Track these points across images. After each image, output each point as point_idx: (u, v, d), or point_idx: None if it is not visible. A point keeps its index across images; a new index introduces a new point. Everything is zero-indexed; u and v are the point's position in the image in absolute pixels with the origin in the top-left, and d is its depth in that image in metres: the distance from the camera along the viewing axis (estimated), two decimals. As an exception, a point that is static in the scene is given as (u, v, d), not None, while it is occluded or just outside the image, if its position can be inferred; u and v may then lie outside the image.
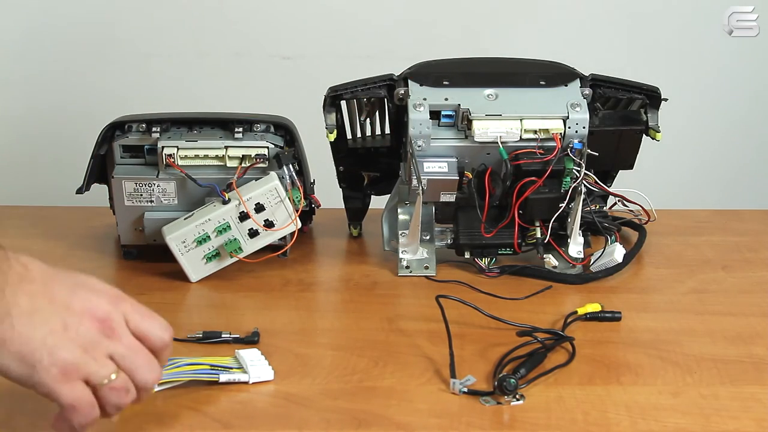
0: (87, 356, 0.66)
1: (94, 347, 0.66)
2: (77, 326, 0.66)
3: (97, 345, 0.67)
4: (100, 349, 0.67)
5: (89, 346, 0.66)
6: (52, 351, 0.64)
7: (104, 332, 0.67)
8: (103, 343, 0.67)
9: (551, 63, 1.06)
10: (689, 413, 0.79)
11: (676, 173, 1.89)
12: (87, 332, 0.66)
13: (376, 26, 1.78)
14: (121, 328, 0.68)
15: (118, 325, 0.68)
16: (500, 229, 1.05)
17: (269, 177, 1.01)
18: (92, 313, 0.67)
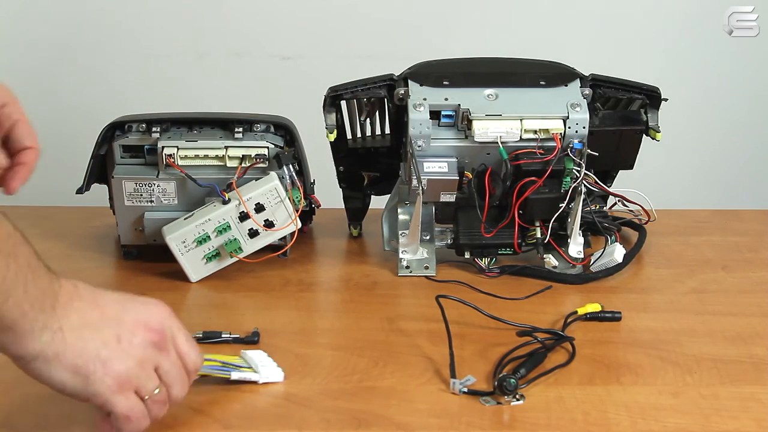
0: (139, 368, 0.67)
1: (146, 359, 0.68)
2: (131, 338, 0.67)
3: (149, 357, 0.68)
4: (151, 362, 0.68)
5: (142, 358, 0.67)
6: (106, 362, 0.66)
7: (156, 345, 0.69)
8: (154, 355, 0.68)
9: (551, 63, 1.06)
10: (689, 413, 0.79)
11: (676, 173, 1.89)
12: (140, 344, 0.68)
13: (376, 26, 1.78)
14: (170, 343, 0.70)
15: (168, 340, 0.70)
16: (500, 229, 1.05)
17: (269, 177, 1.01)
18: (146, 324, 0.68)
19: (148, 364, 0.68)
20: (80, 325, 0.65)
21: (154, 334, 0.68)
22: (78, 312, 0.66)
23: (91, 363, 0.65)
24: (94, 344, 0.65)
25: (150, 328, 0.68)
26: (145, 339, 0.68)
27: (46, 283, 0.65)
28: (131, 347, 0.67)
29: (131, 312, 0.68)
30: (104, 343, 0.66)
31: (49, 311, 0.64)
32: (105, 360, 0.66)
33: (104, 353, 0.66)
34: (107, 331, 0.66)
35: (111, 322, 0.67)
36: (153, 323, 0.69)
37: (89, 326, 0.66)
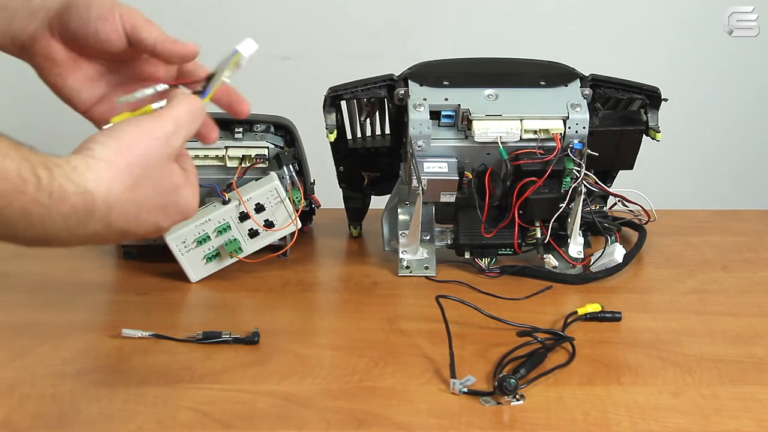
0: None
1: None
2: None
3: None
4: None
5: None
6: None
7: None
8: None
9: (551, 63, 1.06)
10: (689, 413, 0.79)
11: (676, 173, 1.89)
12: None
13: (376, 26, 1.78)
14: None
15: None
16: (500, 229, 1.05)
17: (269, 177, 1.01)
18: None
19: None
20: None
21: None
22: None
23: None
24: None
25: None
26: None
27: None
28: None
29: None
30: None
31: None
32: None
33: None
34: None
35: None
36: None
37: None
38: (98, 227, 0.62)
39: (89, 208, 0.60)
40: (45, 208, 0.59)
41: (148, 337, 0.89)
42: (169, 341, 0.89)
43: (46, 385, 0.81)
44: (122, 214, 0.62)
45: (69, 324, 0.93)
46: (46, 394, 0.80)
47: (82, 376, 0.83)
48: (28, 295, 0.99)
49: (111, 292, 1.02)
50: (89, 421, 0.77)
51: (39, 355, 0.87)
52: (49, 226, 0.60)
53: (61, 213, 0.59)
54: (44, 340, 0.89)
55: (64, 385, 0.81)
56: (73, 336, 0.90)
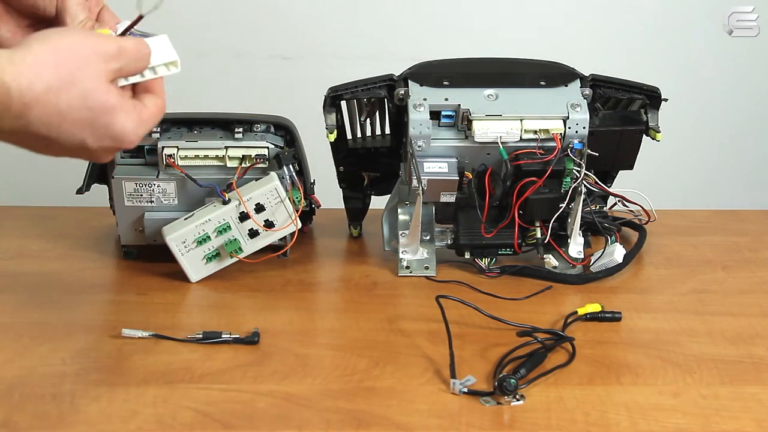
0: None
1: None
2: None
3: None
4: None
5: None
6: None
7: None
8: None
9: (551, 63, 1.06)
10: (689, 413, 0.79)
11: (676, 173, 1.89)
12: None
13: (376, 26, 1.78)
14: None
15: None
16: (500, 230, 1.05)
17: (269, 177, 1.01)
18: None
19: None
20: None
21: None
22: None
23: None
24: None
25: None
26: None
27: None
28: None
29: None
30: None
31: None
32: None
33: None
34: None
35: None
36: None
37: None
38: (15, 125, 0.59)
39: (4, 101, 0.58)
40: None
41: (148, 337, 0.89)
42: (169, 341, 0.89)
43: (46, 385, 0.81)
44: (42, 116, 0.60)
45: (69, 324, 0.93)
46: (46, 394, 0.80)
47: (82, 376, 0.83)
48: (28, 295, 0.99)
49: (111, 292, 1.02)
50: (89, 421, 0.77)
51: (39, 355, 0.87)
52: None
53: None
54: (44, 340, 0.89)
55: (64, 385, 0.81)
56: (73, 336, 0.90)
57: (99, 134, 0.63)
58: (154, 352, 0.87)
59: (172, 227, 1.00)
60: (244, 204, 1.00)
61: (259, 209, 1.01)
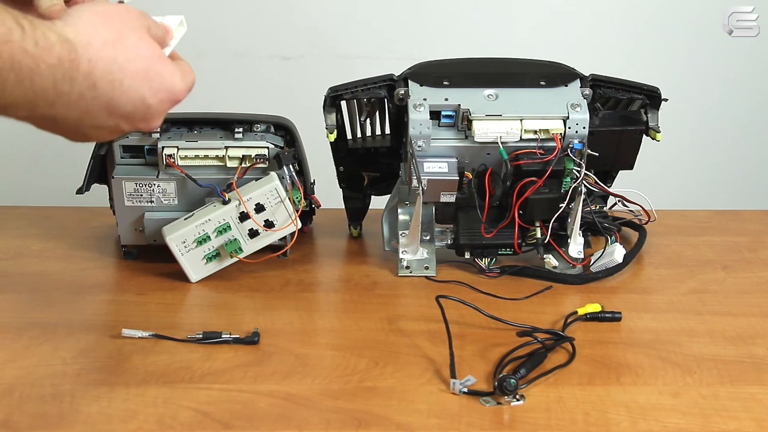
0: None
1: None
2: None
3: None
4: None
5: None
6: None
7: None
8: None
9: (551, 63, 1.06)
10: (689, 413, 0.79)
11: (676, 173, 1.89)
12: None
13: (376, 26, 1.78)
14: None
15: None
16: (500, 230, 1.05)
17: (269, 177, 1.01)
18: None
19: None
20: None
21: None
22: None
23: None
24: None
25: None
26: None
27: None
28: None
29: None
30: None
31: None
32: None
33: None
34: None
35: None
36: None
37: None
38: (83, 87, 0.61)
39: (72, 58, 0.59)
40: (32, 59, 0.57)
41: (148, 337, 0.89)
42: (169, 341, 0.89)
43: (46, 385, 0.81)
44: (106, 72, 0.61)
45: (69, 324, 0.93)
46: (46, 394, 0.80)
47: (82, 376, 0.83)
48: (28, 295, 0.99)
49: (111, 292, 1.02)
50: (89, 421, 0.77)
51: (39, 355, 0.87)
52: (38, 81, 0.58)
53: (48, 64, 0.58)
54: (44, 340, 0.89)
55: (64, 385, 0.81)
56: (73, 336, 0.90)
57: (155, 86, 0.65)
58: (154, 352, 0.87)
59: (172, 227, 1.00)
60: (244, 204, 1.00)
61: (259, 209, 1.01)
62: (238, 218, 1.00)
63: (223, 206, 1.00)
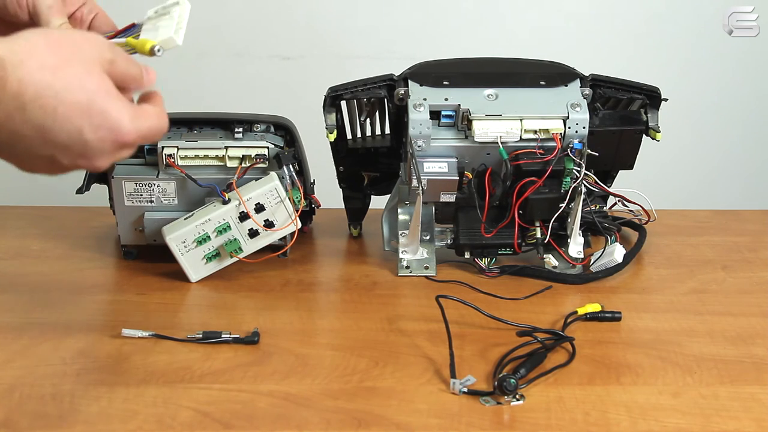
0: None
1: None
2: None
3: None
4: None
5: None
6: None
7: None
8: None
9: (551, 63, 1.06)
10: (689, 413, 0.79)
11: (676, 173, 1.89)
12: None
13: (376, 26, 1.78)
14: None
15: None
16: (500, 229, 1.05)
17: (269, 177, 1.01)
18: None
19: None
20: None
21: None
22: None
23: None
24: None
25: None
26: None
27: None
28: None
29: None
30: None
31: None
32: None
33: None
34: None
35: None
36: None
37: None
38: (10, 108, 0.58)
39: (1, 75, 0.57)
40: None
41: (148, 337, 0.89)
42: (169, 341, 0.89)
43: (46, 385, 0.81)
44: (37, 97, 0.58)
45: (69, 324, 0.93)
46: (46, 394, 0.80)
47: (82, 376, 0.83)
48: (28, 295, 0.99)
49: (111, 292, 1.02)
50: (89, 421, 0.77)
51: (39, 355, 0.87)
52: None
53: None
54: (44, 340, 0.89)
55: (64, 385, 0.81)
56: (73, 336, 0.90)
57: (96, 122, 0.61)
58: (154, 352, 0.87)
59: (172, 227, 1.00)
60: (244, 204, 1.00)
61: (259, 209, 1.01)
62: (238, 218, 1.00)
63: (223, 206, 1.00)
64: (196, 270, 1.02)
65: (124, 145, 0.64)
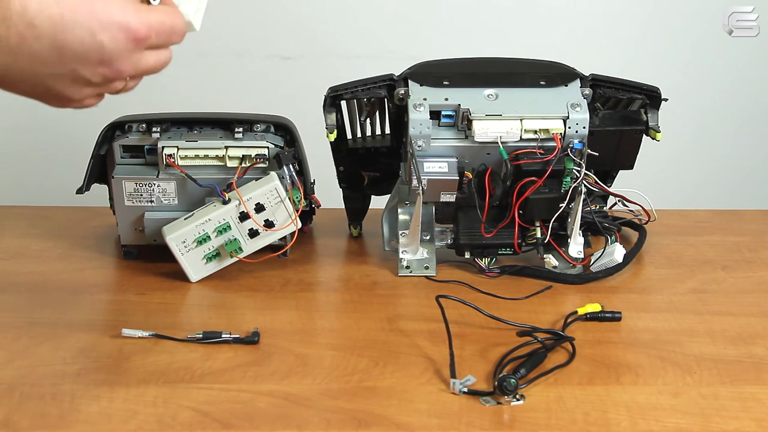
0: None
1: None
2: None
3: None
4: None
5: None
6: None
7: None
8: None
9: (551, 63, 1.06)
10: (689, 413, 0.79)
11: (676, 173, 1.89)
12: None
13: (376, 26, 1.78)
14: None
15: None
16: (500, 229, 1.05)
17: (269, 177, 1.01)
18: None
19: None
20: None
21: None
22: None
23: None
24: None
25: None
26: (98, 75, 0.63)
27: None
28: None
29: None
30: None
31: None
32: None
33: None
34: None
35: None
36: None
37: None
38: (20, 27, 0.58)
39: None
40: None
41: (148, 337, 0.89)
42: (169, 341, 0.89)
43: (46, 385, 0.81)
44: (42, 8, 0.58)
45: (69, 324, 0.93)
46: (46, 394, 0.80)
47: (82, 376, 0.83)
48: (28, 295, 0.99)
49: (111, 292, 1.02)
50: (89, 421, 0.77)
51: (39, 355, 0.87)
52: None
53: None
54: (44, 340, 0.89)
55: (64, 385, 0.81)
56: (73, 336, 0.90)
57: (104, 20, 0.61)
58: (154, 352, 0.87)
59: (172, 227, 1.00)
60: (244, 204, 1.00)
61: (259, 209, 1.01)
62: (238, 218, 1.00)
63: (223, 206, 1.00)
64: (196, 270, 1.02)
65: (138, 40, 0.63)
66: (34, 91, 0.63)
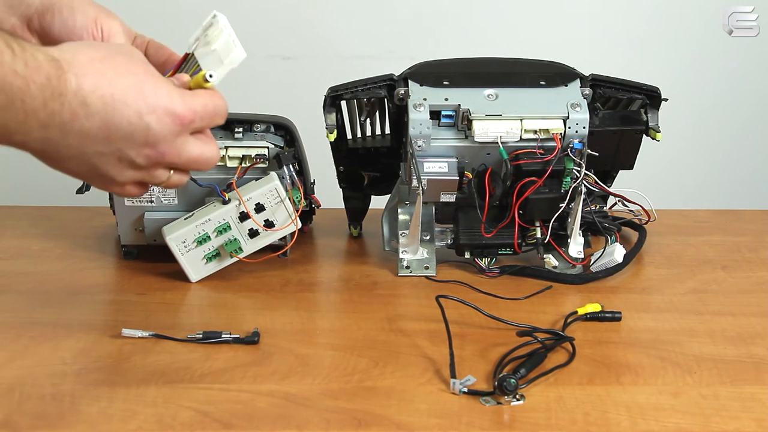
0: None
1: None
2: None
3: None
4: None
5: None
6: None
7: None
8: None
9: (551, 63, 1.06)
10: (689, 413, 0.79)
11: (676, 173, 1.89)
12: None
13: (376, 26, 1.78)
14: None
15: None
16: (500, 229, 1.05)
17: (269, 177, 1.01)
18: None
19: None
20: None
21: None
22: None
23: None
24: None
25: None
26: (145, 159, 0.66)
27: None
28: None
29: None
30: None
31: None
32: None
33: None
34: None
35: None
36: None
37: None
38: (74, 105, 0.60)
39: (60, 75, 0.59)
40: (23, 80, 0.57)
41: (148, 337, 0.89)
42: (169, 341, 0.89)
43: (46, 385, 0.81)
44: (95, 87, 0.61)
45: (69, 324, 0.93)
46: (46, 394, 0.80)
47: (82, 376, 0.83)
48: (28, 295, 0.99)
49: (111, 292, 1.02)
50: (89, 421, 0.77)
51: (39, 355, 0.87)
52: (28, 101, 0.58)
53: (37, 84, 0.58)
54: (44, 340, 0.89)
55: (64, 385, 0.81)
56: (73, 336, 0.90)
57: (151, 102, 0.63)
58: (154, 352, 0.87)
59: (172, 227, 1.00)
60: (244, 204, 1.00)
61: (259, 209, 1.01)
62: (238, 218, 1.00)
63: (223, 206, 1.00)
64: (196, 270, 1.02)
65: (183, 125, 0.66)
66: (80, 169, 0.65)
